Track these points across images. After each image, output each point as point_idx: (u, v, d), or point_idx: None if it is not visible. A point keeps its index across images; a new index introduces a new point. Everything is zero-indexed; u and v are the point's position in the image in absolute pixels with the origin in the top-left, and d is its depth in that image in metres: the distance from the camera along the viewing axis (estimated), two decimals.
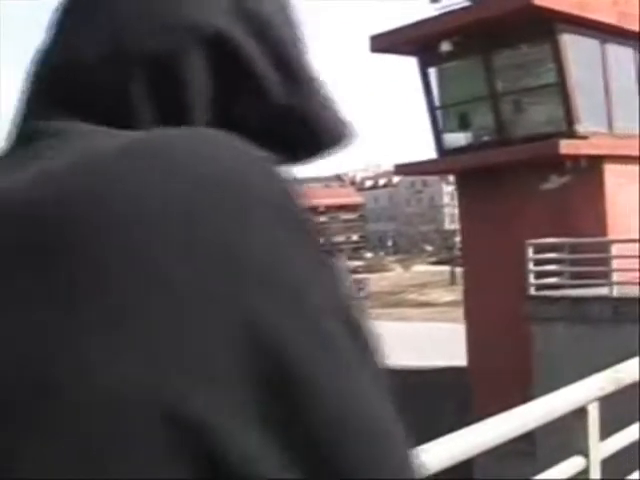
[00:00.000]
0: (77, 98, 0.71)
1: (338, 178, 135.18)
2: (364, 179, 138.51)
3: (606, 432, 4.11)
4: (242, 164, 0.62)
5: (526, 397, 4.51)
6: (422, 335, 33.51)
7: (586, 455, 3.83)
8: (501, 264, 16.75)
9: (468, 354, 19.06)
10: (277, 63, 0.77)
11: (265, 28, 0.77)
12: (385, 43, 19.12)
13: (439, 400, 19.09)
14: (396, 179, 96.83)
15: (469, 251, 19.29)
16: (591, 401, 3.81)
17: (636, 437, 4.58)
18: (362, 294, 32.56)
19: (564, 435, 3.93)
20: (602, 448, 4.04)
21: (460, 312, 20.48)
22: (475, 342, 18.45)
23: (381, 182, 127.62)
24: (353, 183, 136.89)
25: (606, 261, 15.27)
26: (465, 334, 19.25)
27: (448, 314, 36.03)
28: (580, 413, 3.78)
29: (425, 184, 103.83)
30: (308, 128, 0.80)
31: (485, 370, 17.25)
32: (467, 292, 19.50)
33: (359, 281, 35.05)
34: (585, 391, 3.84)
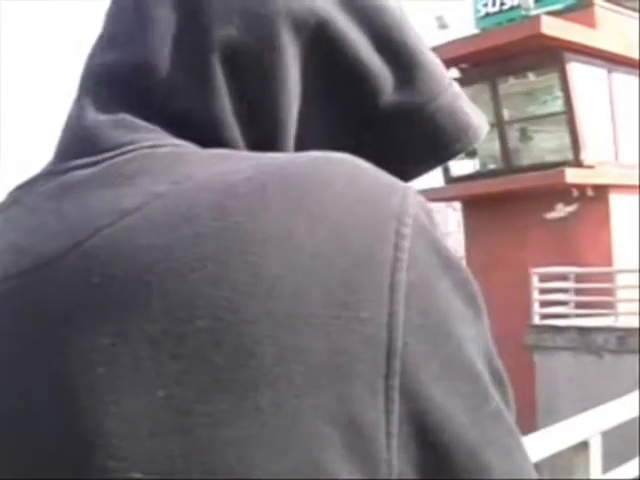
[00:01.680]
0: (152, 103, 0.60)
1: None
2: None
3: (607, 466, 4.06)
4: (392, 207, 0.52)
5: (529, 425, 4.47)
6: None
7: None
8: (506, 292, 16.68)
9: None
10: (388, 55, 0.66)
11: (372, 14, 0.66)
12: None
13: None
14: None
15: (474, 278, 19.20)
16: (593, 435, 3.76)
17: (636, 472, 4.53)
18: None
19: (565, 469, 3.88)
20: None
21: None
22: None
23: None
24: None
25: (611, 291, 15.20)
26: None
27: None
28: (582, 446, 3.73)
29: (432, 211, 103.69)
30: (427, 132, 0.68)
31: None
32: None
33: None
34: (587, 424, 3.79)
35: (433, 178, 19.65)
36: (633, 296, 14.65)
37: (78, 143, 0.59)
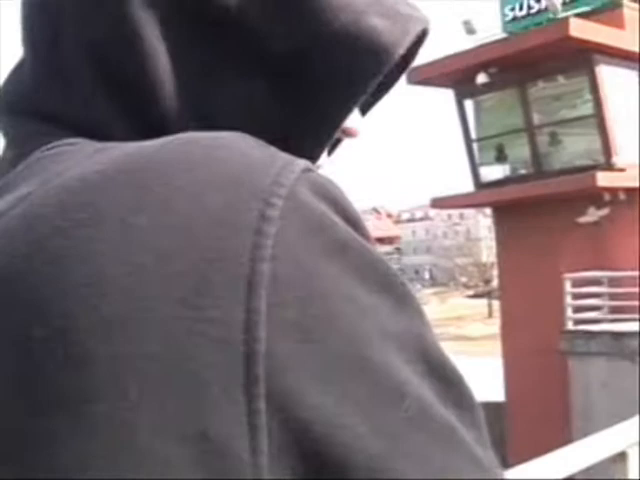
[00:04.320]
0: (40, 108, 0.59)
1: (375, 211, 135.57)
2: (401, 212, 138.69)
3: None
4: (255, 190, 0.46)
5: (564, 433, 4.40)
6: (459, 369, 33.29)
7: None
8: (538, 298, 16.59)
9: (505, 389, 18.83)
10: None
11: None
12: (422, 75, 19.07)
13: None
14: (433, 212, 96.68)
15: (506, 284, 19.10)
16: (631, 445, 3.69)
17: None
18: None
19: None
20: None
21: (498, 346, 20.25)
22: (512, 377, 18.22)
23: (418, 215, 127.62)
24: (390, 216, 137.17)
25: None
26: (502, 369, 19.04)
27: (485, 348, 35.74)
28: (620, 457, 3.65)
29: (462, 217, 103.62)
30: (327, 68, 0.58)
31: (522, 405, 17.02)
32: (504, 326, 19.28)
33: None
34: (625, 434, 3.71)
35: (463, 184, 19.59)
36: None
37: None
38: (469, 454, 0.47)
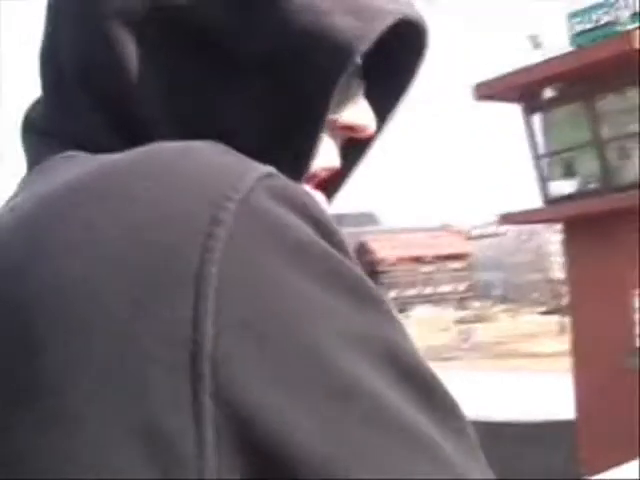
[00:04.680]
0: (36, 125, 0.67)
1: (445, 228, 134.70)
2: (471, 228, 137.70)
3: None
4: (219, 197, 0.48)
5: (631, 451, 4.32)
6: (530, 387, 32.85)
7: None
8: (607, 314, 16.34)
9: (576, 406, 18.58)
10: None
11: None
12: (489, 90, 18.99)
13: (547, 453, 18.62)
14: (504, 228, 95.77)
15: (576, 301, 18.86)
16: None
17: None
18: (468, 344, 32.18)
19: None
20: None
21: (569, 363, 19.99)
22: (583, 394, 17.97)
23: (489, 230, 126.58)
24: (460, 233, 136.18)
25: None
26: (572, 386, 18.79)
27: (557, 364, 35.27)
28: None
29: (533, 233, 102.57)
30: (290, 75, 0.60)
31: (593, 422, 16.76)
32: (574, 343, 19.04)
33: (465, 331, 34.62)
34: None
35: (531, 199, 19.38)
36: None
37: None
38: (432, 455, 0.47)
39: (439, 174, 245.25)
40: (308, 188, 0.62)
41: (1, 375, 0.45)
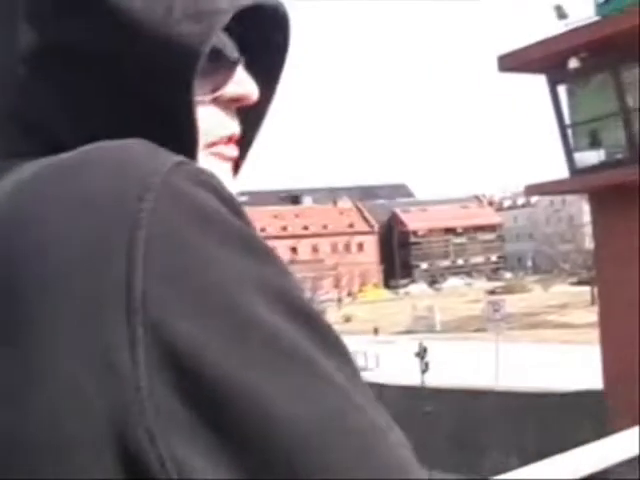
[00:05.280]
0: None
1: (476, 199, 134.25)
2: (502, 199, 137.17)
3: None
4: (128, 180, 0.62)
5: None
6: (561, 357, 32.83)
7: None
8: (637, 285, 16.28)
9: (604, 377, 18.59)
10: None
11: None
12: (514, 62, 18.93)
13: (576, 424, 18.64)
14: (535, 198, 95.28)
15: (605, 271, 18.84)
16: None
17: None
18: (499, 315, 32.11)
19: None
20: None
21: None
22: (611, 365, 17.98)
23: (519, 202, 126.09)
24: (491, 203, 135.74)
25: None
26: (601, 357, 18.79)
27: (588, 335, 35.19)
28: None
29: (564, 203, 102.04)
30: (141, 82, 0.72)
31: (620, 393, 16.77)
32: (602, 314, 19.03)
33: (496, 302, 34.55)
34: None
35: (557, 170, 19.31)
36: None
37: None
38: (324, 377, 0.58)
39: (469, 146, 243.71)
40: (211, 168, 0.72)
41: None
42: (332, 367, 0.59)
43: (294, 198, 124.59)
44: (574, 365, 28.08)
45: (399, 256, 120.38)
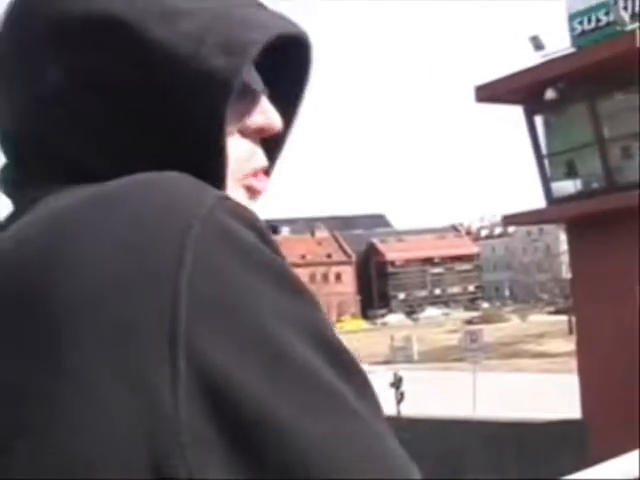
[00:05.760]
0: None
1: (453, 229, 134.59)
2: (480, 228, 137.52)
3: None
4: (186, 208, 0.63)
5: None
6: (539, 387, 32.83)
7: None
8: (614, 313, 16.36)
9: (582, 406, 18.61)
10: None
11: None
12: (490, 92, 19.06)
13: (555, 453, 18.64)
14: (512, 228, 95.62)
15: (581, 300, 18.91)
16: None
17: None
18: (476, 345, 32.09)
19: None
20: None
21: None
22: (589, 394, 18.01)
23: (497, 231, 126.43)
24: (469, 233, 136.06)
25: None
26: (579, 385, 18.81)
27: (566, 364, 35.24)
28: None
29: (541, 232, 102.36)
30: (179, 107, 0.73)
31: (600, 423, 16.79)
32: (580, 342, 19.08)
33: (473, 332, 34.54)
34: None
35: (534, 200, 19.41)
36: None
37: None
38: (351, 411, 0.60)
39: (446, 176, 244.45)
40: (240, 200, 0.73)
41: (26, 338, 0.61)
42: (362, 405, 0.61)
43: (272, 228, 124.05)
44: (552, 393, 28.06)
45: (377, 286, 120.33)
